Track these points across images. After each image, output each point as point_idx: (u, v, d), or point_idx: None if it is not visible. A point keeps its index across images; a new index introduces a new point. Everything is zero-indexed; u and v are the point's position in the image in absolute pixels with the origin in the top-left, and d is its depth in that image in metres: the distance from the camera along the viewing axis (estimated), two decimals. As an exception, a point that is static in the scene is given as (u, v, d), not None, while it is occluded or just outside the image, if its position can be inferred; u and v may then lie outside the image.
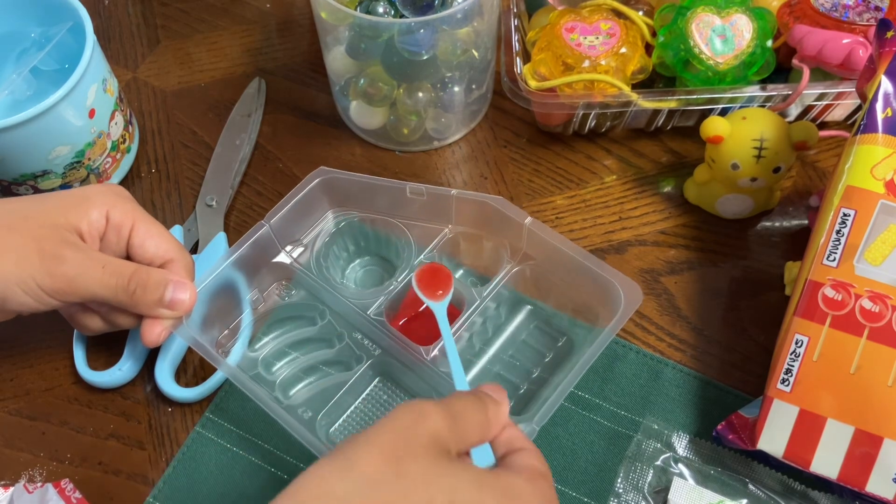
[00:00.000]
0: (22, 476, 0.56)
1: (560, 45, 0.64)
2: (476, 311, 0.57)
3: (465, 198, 0.59)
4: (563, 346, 0.59)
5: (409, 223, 0.60)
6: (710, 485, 0.53)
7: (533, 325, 0.60)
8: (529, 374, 0.58)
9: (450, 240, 0.61)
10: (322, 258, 0.60)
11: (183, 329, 0.54)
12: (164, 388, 0.58)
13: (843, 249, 0.52)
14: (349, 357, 0.58)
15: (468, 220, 0.60)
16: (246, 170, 0.69)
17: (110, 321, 0.56)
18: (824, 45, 0.60)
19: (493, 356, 0.59)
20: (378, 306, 0.57)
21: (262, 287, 0.60)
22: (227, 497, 0.55)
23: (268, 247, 0.59)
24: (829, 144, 0.69)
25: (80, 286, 0.52)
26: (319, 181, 0.60)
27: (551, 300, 0.59)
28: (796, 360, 0.51)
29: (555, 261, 0.57)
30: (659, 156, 0.69)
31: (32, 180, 0.62)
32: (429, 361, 0.55)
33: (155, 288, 0.53)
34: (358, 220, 0.62)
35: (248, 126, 0.70)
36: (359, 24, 0.60)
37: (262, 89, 0.73)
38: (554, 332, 0.59)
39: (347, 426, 0.57)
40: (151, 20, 0.79)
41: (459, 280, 0.59)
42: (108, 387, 0.59)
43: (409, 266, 0.59)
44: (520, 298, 0.60)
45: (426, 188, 0.59)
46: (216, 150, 0.69)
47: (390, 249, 0.62)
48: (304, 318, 0.60)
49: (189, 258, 0.57)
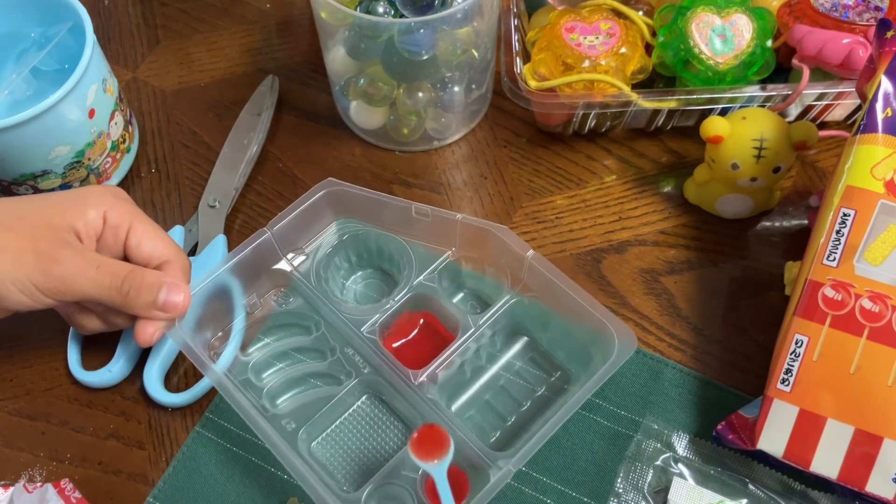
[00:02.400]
0: (22, 476, 0.56)
1: (560, 45, 0.64)
2: (471, 338, 0.56)
3: (470, 223, 0.58)
4: (556, 381, 0.58)
5: (413, 242, 0.60)
6: (710, 485, 0.53)
7: (528, 356, 0.59)
8: (519, 407, 0.57)
9: (452, 263, 0.60)
10: (322, 269, 0.60)
11: (175, 332, 0.54)
12: (151, 391, 0.57)
13: (843, 249, 0.52)
14: (339, 371, 0.57)
15: (471, 246, 0.59)
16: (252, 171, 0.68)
17: (107, 321, 0.56)
18: (824, 45, 0.60)
19: (484, 384, 0.58)
20: (372, 324, 0.57)
21: (259, 292, 0.60)
22: (227, 497, 0.55)
23: (268, 253, 0.59)
24: (829, 144, 0.69)
25: (75, 286, 0.52)
26: (325, 193, 0.59)
27: (548, 334, 0.59)
28: (796, 360, 0.51)
29: (554, 296, 0.56)
30: (659, 156, 0.69)
31: (32, 180, 0.62)
32: (415, 386, 0.54)
33: (149, 290, 0.53)
34: (361, 234, 0.61)
35: (257, 125, 0.69)
36: (359, 24, 0.60)
37: (274, 87, 0.72)
38: (548, 366, 0.58)
39: (330, 441, 0.56)
40: (151, 20, 0.79)
41: (456, 305, 0.59)
42: (99, 386, 0.59)
43: (409, 286, 0.58)
44: (517, 329, 0.59)
45: (431, 210, 0.58)
46: (223, 149, 0.68)
47: (392, 265, 0.62)
48: (298, 327, 0.60)
49: (186, 260, 0.57)
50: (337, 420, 0.57)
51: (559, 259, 0.64)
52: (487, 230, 0.57)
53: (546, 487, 0.54)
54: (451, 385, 0.57)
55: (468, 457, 0.52)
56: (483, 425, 0.56)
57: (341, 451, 0.56)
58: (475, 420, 0.56)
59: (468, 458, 0.52)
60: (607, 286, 0.62)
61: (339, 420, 0.57)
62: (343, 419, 0.57)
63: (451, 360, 0.56)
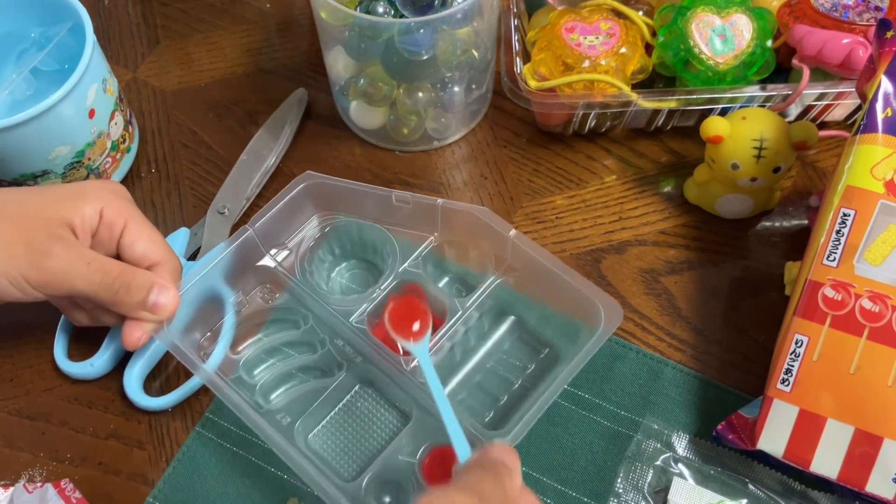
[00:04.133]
0: (22, 476, 0.56)
1: (560, 45, 0.64)
2: (459, 321, 0.57)
3: (451, 207, 0.58)
4: (545, 357, 0.58)
5: (395, 230, 0.60)
6: (710, 485, 0.53)
7: (516, 335, 0.59)
8: (511, 386, 0.57)
9: (435, 248, 0.60)
10: (307, 262, 0.60)
11: (163, 334, 0.54)
12: (131, 394, 0.57)
13: (842, 249, 0.52)
14: (330, 363, 0.58)
15: (454, 230, 0.60)
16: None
17: (95, 318, 0.56)
18: (824, 45, 0.60)
19: (474, 366, 0.58)
20: (360, 313, 0.57)
21: (245, 290, 0.60)
22: (227, 497, 0.55)
23: (252, 251, 0.59)
24: (829, 144, 0.69)
25: (65, 281, 0.52)
26: (304, 186, 0.59)
27: (535, 312, 0.59)
28: (796, 360, 0.51)
29: (538, 274, 0.56)
30: (659, 156, 0.69)
31: (32, 180, 0.62)
32: (408, 372, 0.54)
33: (138, 289, 0.53)
34: (343, 225, 0.61)
35: (279, 137, 0.68)
36: (359, 24, 0.60)
37: (302, 101, 0.71)
38: (537, 343, 0.59)
39: (326, 433, 0.56)
40: (151, 20, 0.79)
41: (442, 289, 0.59)
42: (80, 378, 0.59)
43: (394, 273, 0.59)
44: (503, 309, 0.60)
45: (412, 196, 0.59)
46: (241, 157, 0.68)
47: (376, 255, 0.62)
48: (287, 322, 0.60)
49: (177, 263, 0.57)
50: (331, 411, 0.57)
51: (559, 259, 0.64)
52: (469, 213, 0.58)
53: (546, 487, 0.54)
54: (441, 368, 0.57)
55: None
56: (476, 406, 0.57)
57: (338, 441, 0.56)
58: (468, 402, 0.57)
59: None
60: (607, 286, 0.62)
61: (334, 411, 0.57)
62: (337, 410, 0.57)
63: (441, 343, 0.56)
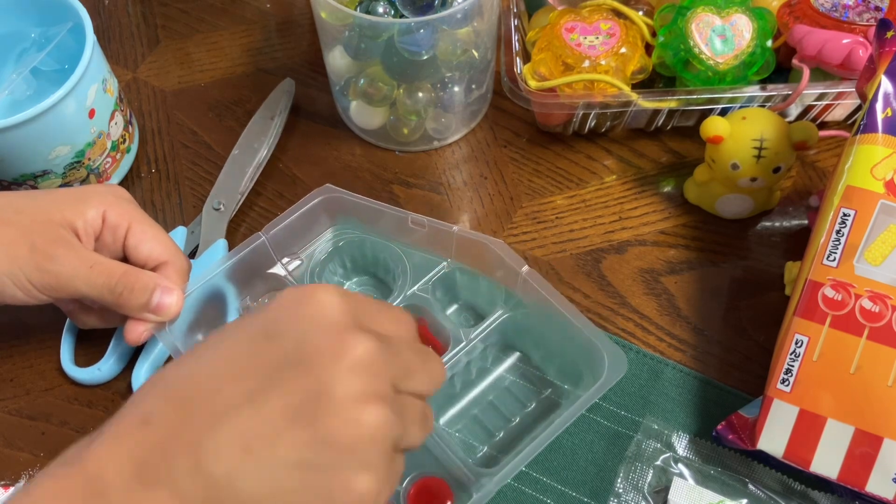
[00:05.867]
0: (22, 476, 0.56)
1: (560, 45, 0.64)
2: (462, 351, 0.56)
3: (466, 236, 0.57)
4: (546, 398, 0.57)
5: (409, 251, 0.59)
6: (710, 485, 0.53)
7: (519, 372, 0.58)
8: (508, 422, 0.56)
9: (447, 274, 0.59)
10: (317, 274, 0.60)
11: (164, 334, 0.54)
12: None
13: (843, 249, 0.52)
14: None
15: (467, 258, 0.58)
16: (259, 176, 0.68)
17: (104, 319, 0.56)
18: (824, 45, 0.60)
19: (473, 399, 0.57)
20: None
21: (253, 295, 0.60)
22: (227, 497, 0.55)
23: (263, 258, 0.59)
24: (829, 144, 0.69)
25: (69, 283, 0.52)
26: (321, 199, 0.59)
27: (540, 351, 0.58)
28: (796, 360, 0.51)
29: (547, 313, 0.55)
30: (659, 156, 0.69)
31: (32, 180, 0.62)
32: None
33: (141, 291, 0.53)
34: (357, 240, 0.61)
35: (269, 129, 0.68)
36: (359, 24, 0.60)
37: (290, 91, 0.71)
38: (539, 382, 0.58)
39: None
40: (151, 20, 0.79)
41: (448, 317, 0.58)
42: (88, 384, 0.58)
43: (403, 295, 0.58)
44: (509, 344, 0.59)
45: (428, 220, 0.58)
46: (233, 151, 0.68)
47: (387, 273, 0.61)
48: None
49: (185, 261, 0.57)
50: None
51: (559, 259, 0.64)
52: (483, 244, 0.56)
53: (546, 487, 0.54)
54: (440, 398, 0.56)
55: (453, 472, 0.52)
56: (471, 439, 0.56)
57: None
58: (463, 434, 0.56)
59: (452, 473, 0.52)
60: (607, 286, 0.62)
61: None
62: None
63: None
